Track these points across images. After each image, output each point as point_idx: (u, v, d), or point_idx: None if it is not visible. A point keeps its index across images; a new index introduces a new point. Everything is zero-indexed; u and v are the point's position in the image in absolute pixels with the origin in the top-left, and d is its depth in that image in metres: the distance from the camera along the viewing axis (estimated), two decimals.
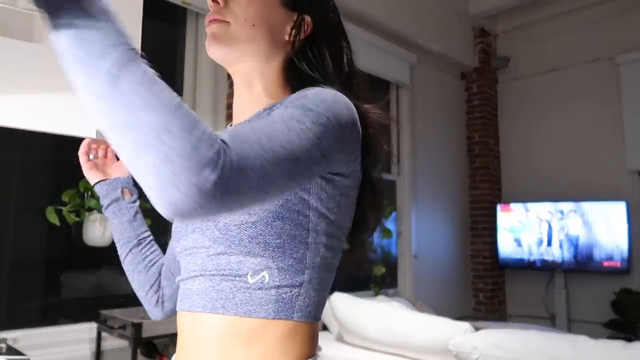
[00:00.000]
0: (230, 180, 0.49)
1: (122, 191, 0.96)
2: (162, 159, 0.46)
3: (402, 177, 4.10)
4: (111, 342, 2.27)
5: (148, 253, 0.94)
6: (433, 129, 4.41)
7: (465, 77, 4.84)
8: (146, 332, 2.03)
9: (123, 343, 2.23)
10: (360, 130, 0.69)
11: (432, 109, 4.43)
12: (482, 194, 4.68)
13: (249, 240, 0.65)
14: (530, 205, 4.36)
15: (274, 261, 0.65)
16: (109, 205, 0.95)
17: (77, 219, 2.15)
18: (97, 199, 2.16)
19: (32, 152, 2.39)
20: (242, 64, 0.78)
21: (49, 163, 2.48)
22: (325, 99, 0.64)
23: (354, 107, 0.68)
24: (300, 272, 0.66)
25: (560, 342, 1.71)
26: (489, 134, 4.77)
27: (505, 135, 4.88)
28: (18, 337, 2.08)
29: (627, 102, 4.13)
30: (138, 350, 2.11)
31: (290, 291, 0.66)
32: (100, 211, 2.16)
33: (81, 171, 1.00)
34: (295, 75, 0.78)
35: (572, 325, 4.15)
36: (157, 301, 0.95)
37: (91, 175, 0.98)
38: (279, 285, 0.65)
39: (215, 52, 0.77)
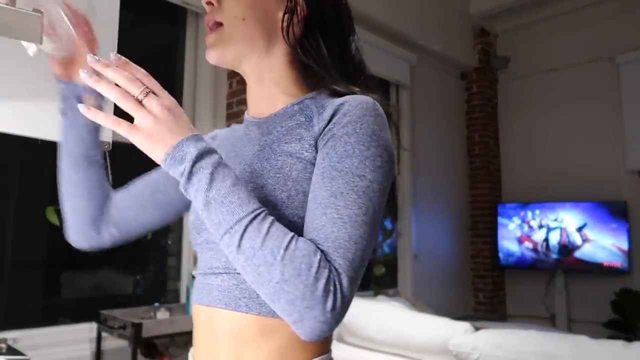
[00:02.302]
0: (348, 297, 0.59)
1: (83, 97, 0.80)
2: (289, 304, 0.57)
3: (402, 176, 4.10)
4: (111, 342, 2.27)
5: (94, 178, 0.82)
6: (433, 129, 4.41)
7: (465, 77, 4.84)
8: (146, 332, 2.03)
9: (123, 343, 2.23)
10: None
11: (432, 109, 4.43)
12: (482, 194, 4.68)
13: None
14: (530, 205, 4.36)
15: None
16: (67, 109, 0.79)
17: None
18: None
19: (32, 152, 2.39)
20: (245, 62, 0.76)
21: (49, 163, 2.48)
22: (374, 131, 0.65)
23: (385, 117, 0.70)
24: None
25: (560, 342, 1.71)
26: (489, 134, 4.77)
27: (505, 135, 4.88)
28: (18, 337, 2.08)
29: (627, 102, 4.13)
30: (138, 350, 2.11)
31: None
32: None
33: None
34: (302, 67, 0.76)
35: (572, 325, 4.15)
36: (94, 227, 0.85)
37: (61, 72, 0.79)
38: None
39: (211, 57, 0.75)
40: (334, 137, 0.65)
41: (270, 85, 0.77)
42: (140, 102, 0.60)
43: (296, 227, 0.64)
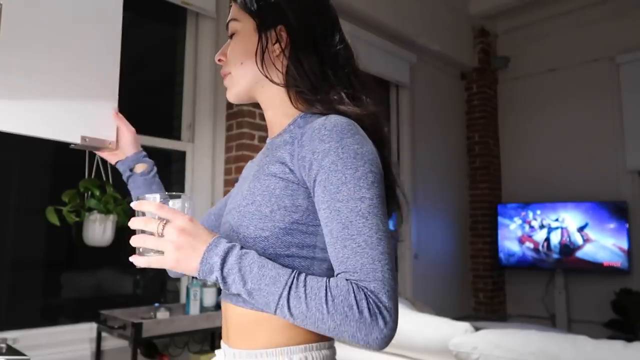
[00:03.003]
0: (392, 307, 0.69)
1: (134, 167, 1.09)
2: (352, 337, 0.68)
3: (402, 177, 4.10)
4: (111, 342, 2.27)
5: None
6: (433, 129, 4.41)
7: (465, 77, 4.84)
8: (146, 332, 2.03)
9: (123, 343, 2.23)
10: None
11: (432, 109, 4.43)
12: (482, 194, 4.68)
13: (262, 251, 0.77)
14: (531, 205, 4.37)
15: None
16: (127, 179, 1.09)
17: (77, 219, 2.14)
18: (97, 199, 2.17)
19: (32, 152, 2.39)
20: (255, 95, 0.90)
21: (49, 163, 2.48)
22: (356, 151, 0.73)
23: (363, 132, 0.77)
24: None
25: (560, 342, 1.71)
26: (489, 134, 4.77)
27: (505, 135, 4.88)
28: (18, 337, 2.08)
29: (627, 102, 4.13)
30: (138, 350, 2.11)
31: None
32: (100, 211, 2.16)
33: (81, 171, 1.06)
34: (295, 90, 0.85)
35: (572, 325, 4.15)
36: None
37: (111, 159, 1.11)
38: None
39: (230, 97, 0.92)
40: (323, 169, 0.73)
41: (275, 110, 0.89)
42: (161, 235, 0.72)
43: (277, 237, 0.76)
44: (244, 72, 0.87)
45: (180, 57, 2.92)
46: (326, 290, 0.69)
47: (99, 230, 2.17)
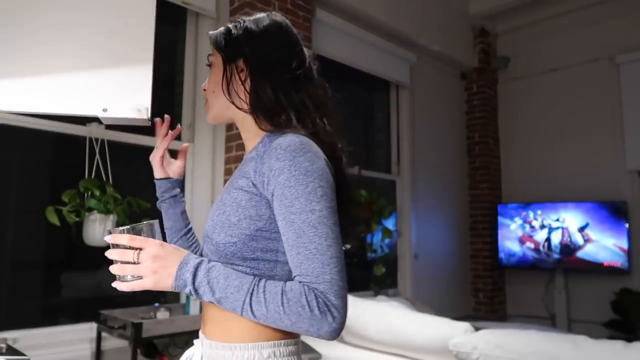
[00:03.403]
0: (339, 305, 0.80)
1: (177, 191, 1.20)
2: (306, 331, 0.81)
3: (402, 177, 4.10)
4: (111, 342, 2.27)
5: (193, 240, 1.19)
6: (433, 128, 4.41)
7: (465, 77, 4.84)
8: (146, 332, 2.03)
9: (123, 343, 2.23)
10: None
11: (432, 109, 4.43)
12: (482, 194, 4.68)
13: (232, 255, 0.88)
14: (531, 205, 4.37)
15: (250, 270, 0.88)
16: (168, 198, 1.18)
17: (77, 219, 2.15)
18: (97, 199, 2.17)
19: (32, 152, 2.39)
20: (229, 117, 1.02)
21: (49, 163, 2.48)
22: (306, 169, 0.84)
23: (315, 146, 0.88)
24: (271, 279, 0.87)
25: (560, 342, 1.71)
26: (489, 134, 4.77)
27: (505, 135, 4.88)
28: (18, 337, 2.08)
29: (627, 102, 4.13)
30: (138, 350, 2.11)
31: None
32: (100, 211, 2.16)
33: (81, 171, 1.07)
34: (256, 114, 0.96)
35: (572, 325, 4.15)
36: None
37: (160, 172, 1.18)
38: None
39: (209, 120, 1.06)
40: (278, 185, 0.84)
41: (246, 130, 1.00)
42: (136, 263, 0.84)
43: (243, 243, 0.88)
44: (216, 99, 1.00)
45: (180, 57, 2.92)
46: (282, 293, 0.80)
47: (99, 230, 2.17)
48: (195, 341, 1.00)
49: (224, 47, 0.99)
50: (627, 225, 3.90)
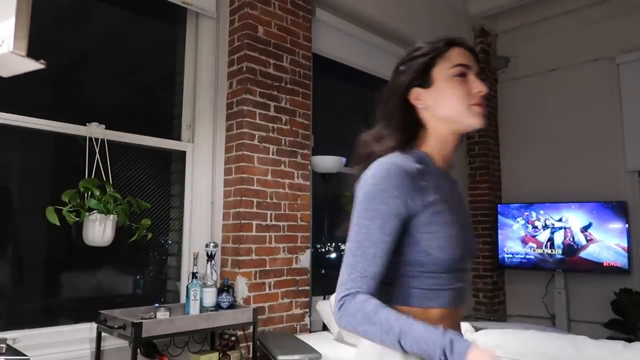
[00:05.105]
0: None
1: None
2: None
3: None
4: (111, 342, 2.27)
5: None
6: None
7: None
8: (146, 332, 2.03)
9: (123, 343, 2.23)
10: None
11: None
12: (482, 194, 4.68)
13: None
14: (534, 205, 4.36)
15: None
16: None
17: (77, 219, 2.15)
18: (97, 199, 2.17)
19: (32, 152, 2.39)
20: None
21: (49, 163, 2.48)
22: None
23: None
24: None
25: (560, 342, 1.71)
26: (489, 134, 4.77)
27: (505, 135, 4.88)
28: (18, 337, 2.08)
29: (627, 102, 4.13)
30: (138, 350, 2.11)
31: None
32: (100, 211, 2.16)
33: (81, 171, 1.03)
34: None
35: (572, 325, 4.15)
36: None
37: None
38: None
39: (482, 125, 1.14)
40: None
41: None
42: None
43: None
44: None
45: (180, 57, 2.91)
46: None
47: (98, 230, 2.17)
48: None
49: None
50: (626, 225, 3.90)
